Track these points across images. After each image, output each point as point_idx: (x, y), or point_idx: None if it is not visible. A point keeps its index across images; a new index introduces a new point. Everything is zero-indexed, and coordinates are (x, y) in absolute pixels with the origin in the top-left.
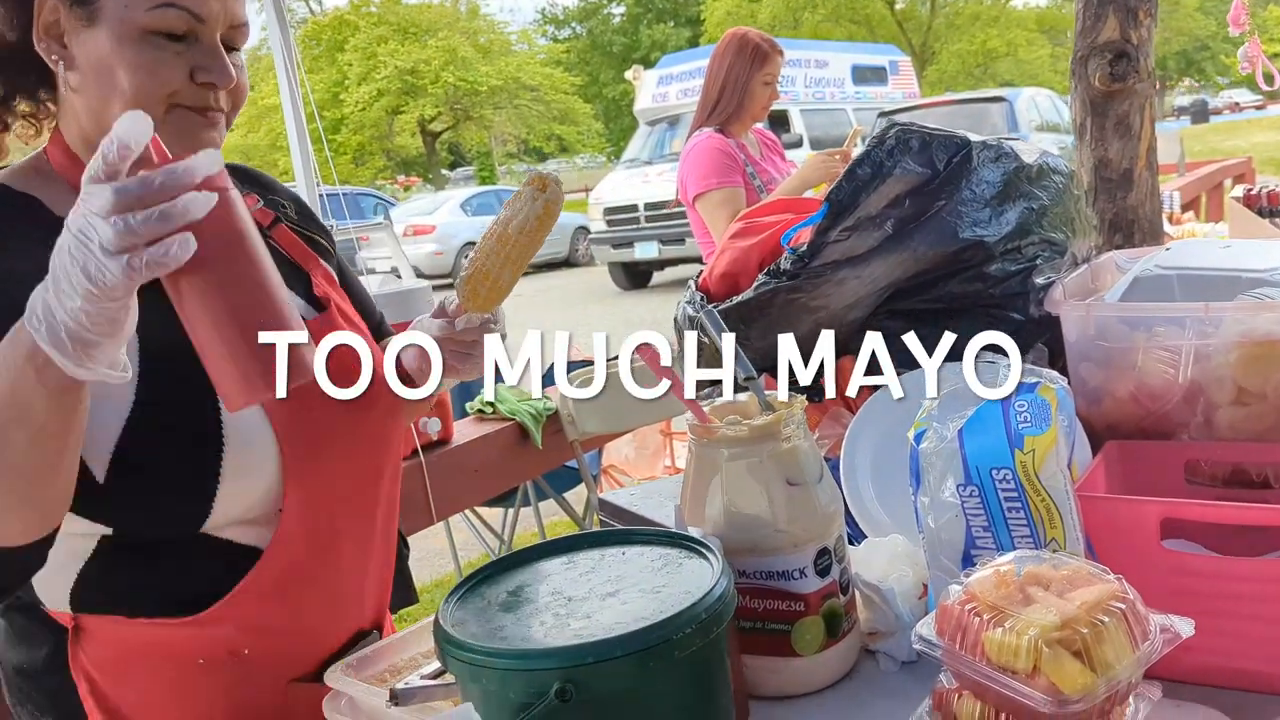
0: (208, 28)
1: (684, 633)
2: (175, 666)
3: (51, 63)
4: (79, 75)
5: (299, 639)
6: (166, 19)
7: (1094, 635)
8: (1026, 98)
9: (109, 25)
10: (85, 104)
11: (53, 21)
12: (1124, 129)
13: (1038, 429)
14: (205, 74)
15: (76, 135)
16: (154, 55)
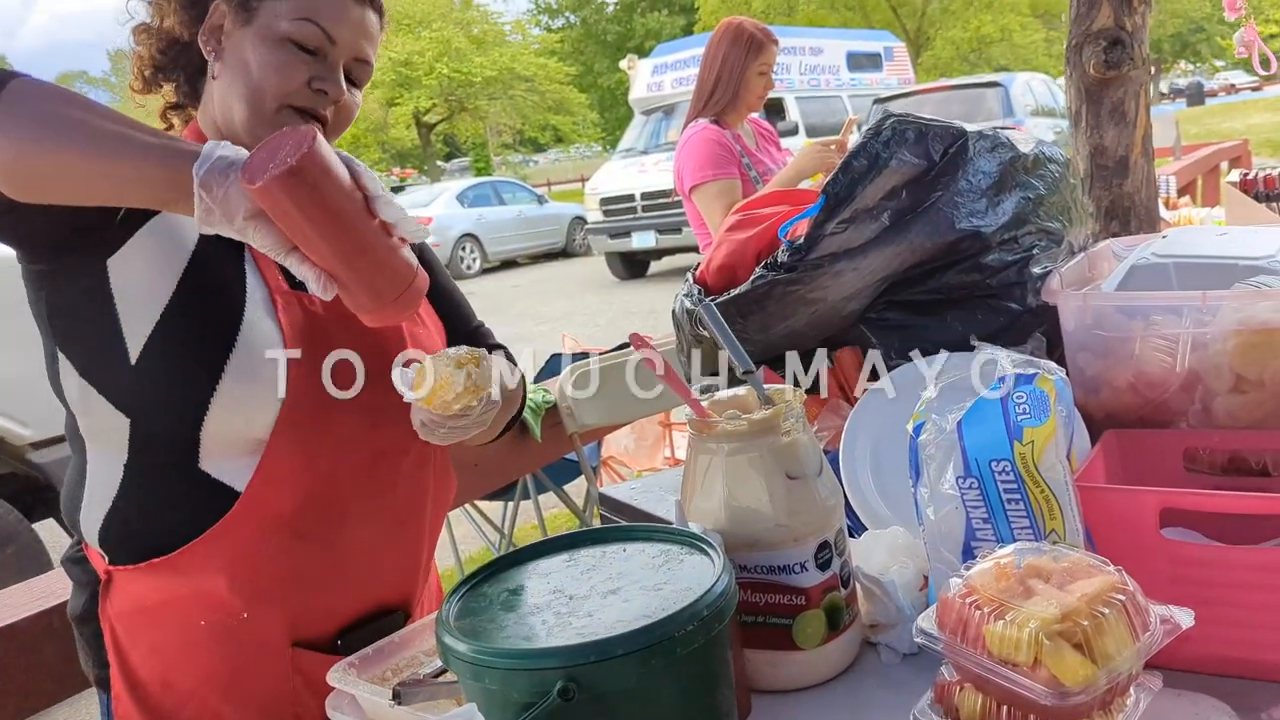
0: (336, 50)
1: (685, 630)
2: (180, 627)
3: (207, 54)
4: (223, 65)
5: (302, 605)
6: (304, 31)
7: (1094, 627)
8: (1021, 83)
9: (257, 28)
10: (220, 90)
11: (218, 24)
12: (1119, 116)
13: (1036, 420)
14: (320, 82)
15: (209, 122)
16: (284, 58)
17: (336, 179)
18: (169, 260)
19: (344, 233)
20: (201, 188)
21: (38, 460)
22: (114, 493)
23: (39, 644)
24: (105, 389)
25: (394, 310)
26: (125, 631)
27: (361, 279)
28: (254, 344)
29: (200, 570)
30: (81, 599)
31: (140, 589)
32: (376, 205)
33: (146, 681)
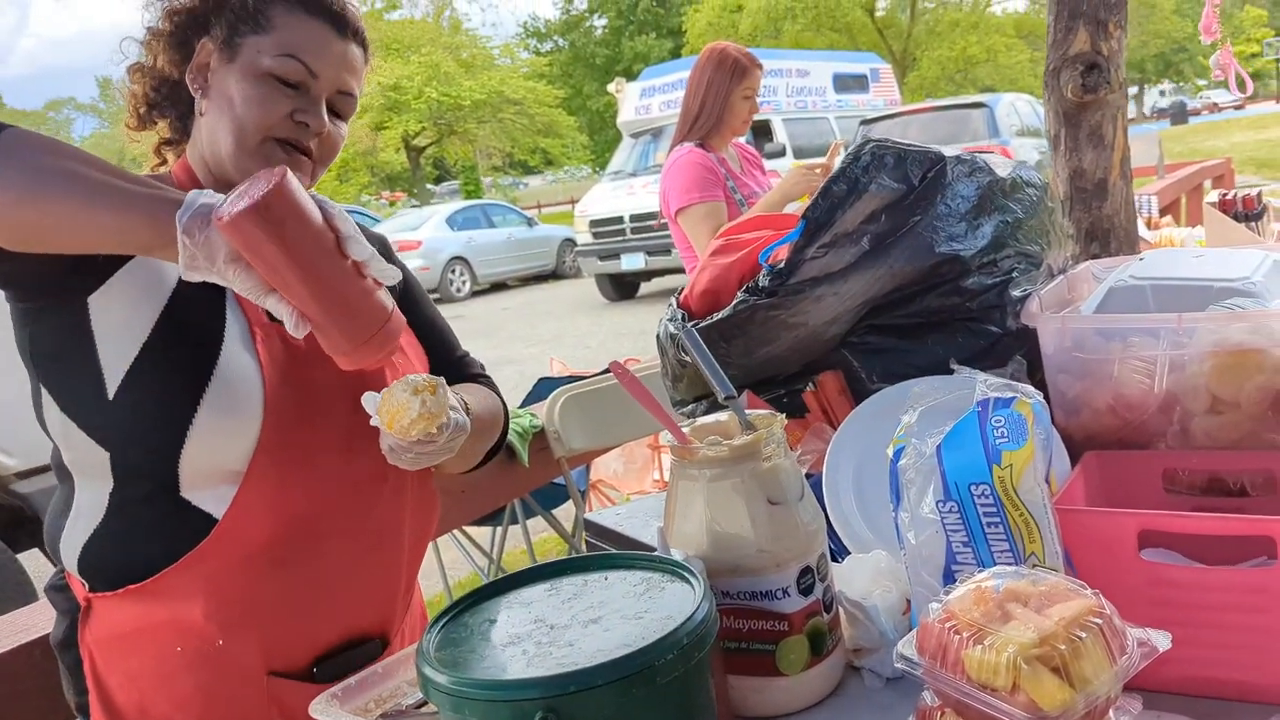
0: (318, 83)
1: (666, 659)
2: (156, 654)
3: (194, 91)
4: (209, 102)
5: (278, 633)
6: (285, 66)
7: (1072, 651)
8: (1006, 103)
9: (240, 64)
10: (207, 125)
11: (204, 62)
12: (1097, 139)
13: (1015, 444)
14: (302, 114)
15: (198, 157)
16: (266, 92)
17: (305, 216)
18: (149, 298)
19: (314, 269)
20: (184, 234)
21: (22, 490)
22: (97, 521)
23: (21, 677)
24: (84, 424)
25: (367, 350)
26: (103, 658)
27: (333, 318)
28: (231, 377)
29: (176, 597)
30: (63, 626)
31: (118, 616)
32: (348, 246)
33: (124, 708)
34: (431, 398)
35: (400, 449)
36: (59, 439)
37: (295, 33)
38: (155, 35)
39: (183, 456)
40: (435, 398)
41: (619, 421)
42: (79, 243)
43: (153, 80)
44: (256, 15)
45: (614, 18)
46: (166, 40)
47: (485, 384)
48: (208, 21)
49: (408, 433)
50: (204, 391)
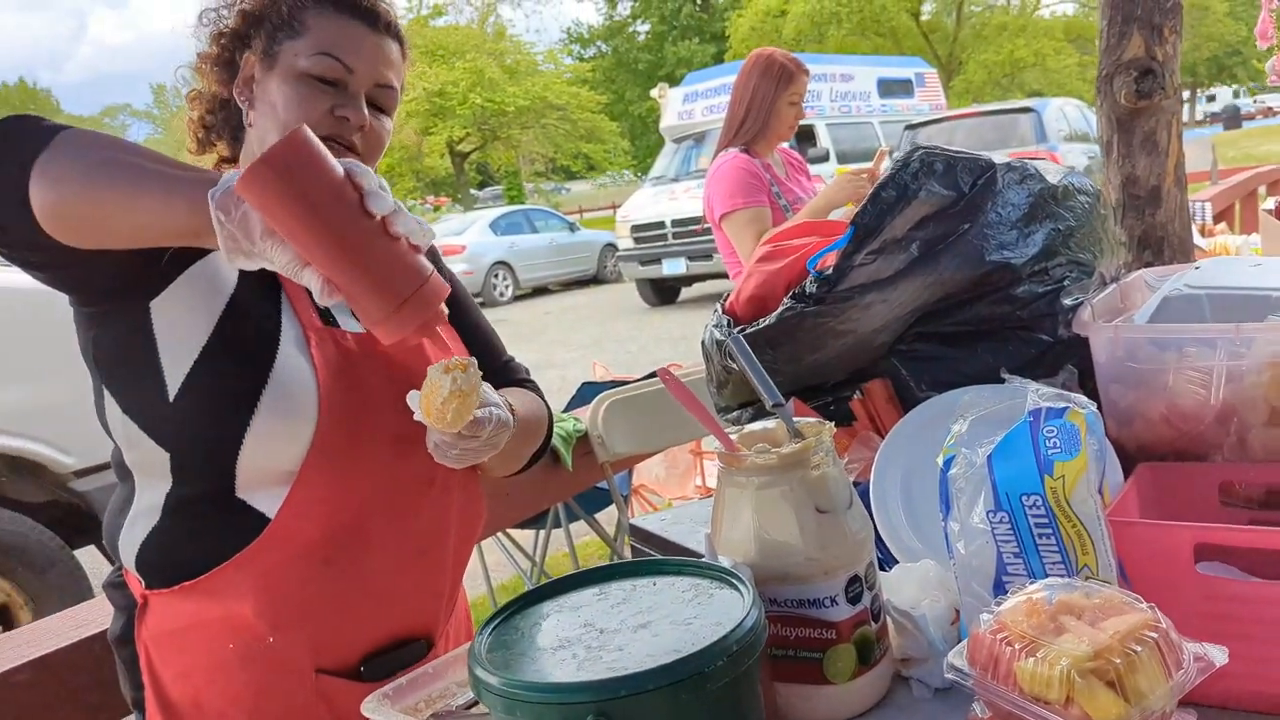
0: (355, 78)
1: (715, 665)
2: (209, 650)
3: (243, 105)
4: (256, 113)
5: (326, 632)
6: (321, 65)
7: (1127, 665)
8: (1055, 108)
9: (280, 70)
10: (256, 134)
11: (249, 75)
12: (1151, 146)
13: (1067, 454)
14: (342, 109)
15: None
16: (306, 92)
17: (320, 168)
18: (208, 302)
19: (332, 226)
20: (219, 210)
21: (79, 488)
22: (155, 519)
23: (80, 671)
24: (146, 425)
25: (404, 317)
26: (159, 654)
27: (360, 279)
28: (287, 381)
29: (229, 595)
30: (120, 622)
31: (173, 612)
32: (370, 201)
33: (178, 703)
34: (462, 375)
35: (445, 444)
36: (120, 439)
37: (328, 32)
38: (204, 59)
39: (240, 458)
40: (466, 375)
41: (662, 427)
42: (130, 233)
43: (207, 104)
44: (291, 21)
45: (657, 23)
46: (215, 62)
47: (530, 389)
48: (249, 36)
49: (444, 417)
50: (261, 395)
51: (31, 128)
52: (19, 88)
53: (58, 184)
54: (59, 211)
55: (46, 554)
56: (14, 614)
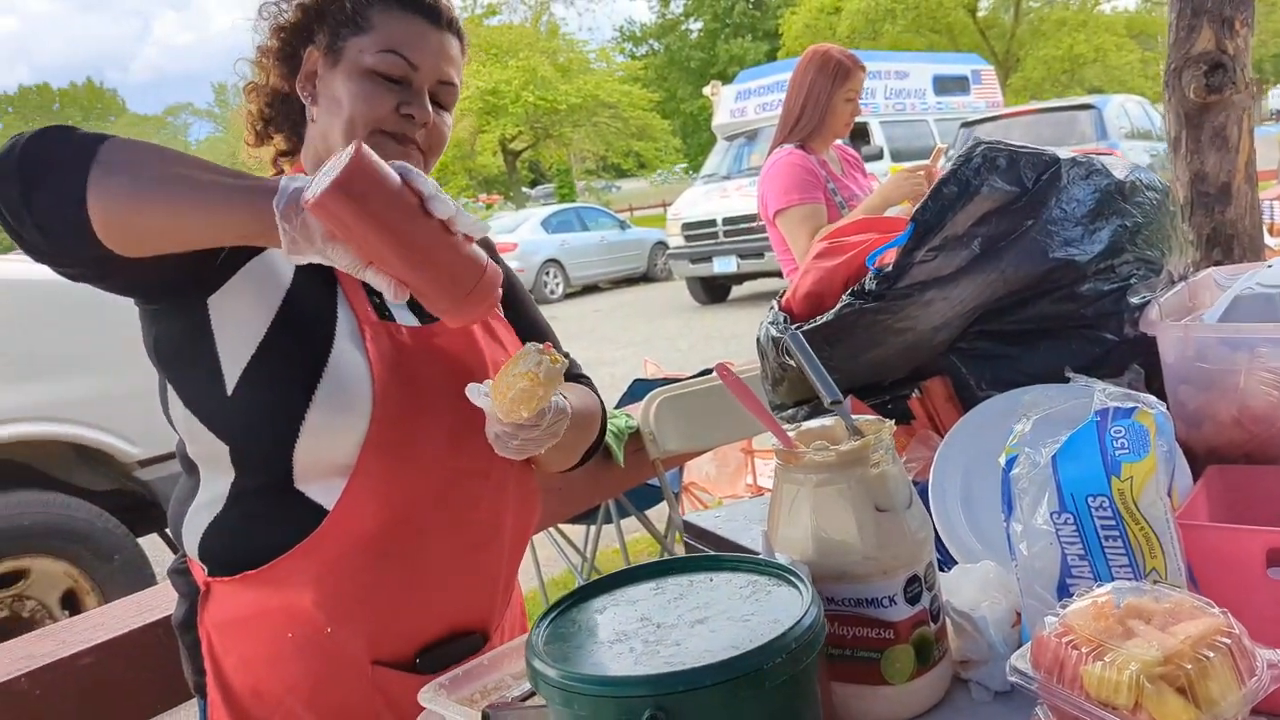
0: (420, 75)
1: (774, 662)
2: (269, 638)
3: (305, 100)
4: (319, 109)
5: (382, 623)
6: (386, 62)
7: (1198, 671)
8: (1116, 105)
9: (345, 66)
10: (320, 131)
11: (312, 70)
12: (1221, 141)
13: (1135, 456)
14: (407, 107)
15: (311, 161)
16: (371, 89)
17: (385, 184)
18: (265, 297)
19: (400, 234)
20: (283, 219)
21: (144, 477)
22: (218, 509)
23: (146, 654)
24: (206, 418)
25: (469, 305)
26: (220, 641)
27: (428, 278)
28: (341, 374)
29: (289, 585)
30: (183, 608)
31: (235, 600)
32: (431, 205)
33: (239, 689)
34: (551, 365)
35: (506, 435)
36: (183, 432)
37: (393, 29)
38: (265, 53)
39: (296, 450)
40: (556, 367)
41: (714, 424)
42: (186, 240)
43: (266, 97)
44: (356, 17)
45: (709, 21)
46: (276, 56)
47: (585, 384)
48: (311, 31)
49: (517, 406)
50: (316, 388)
51: (74, 139)
52: (86, 87)
53: (117, 197)
54: (119, 223)
55: (112, 541)
56: (80, 599)
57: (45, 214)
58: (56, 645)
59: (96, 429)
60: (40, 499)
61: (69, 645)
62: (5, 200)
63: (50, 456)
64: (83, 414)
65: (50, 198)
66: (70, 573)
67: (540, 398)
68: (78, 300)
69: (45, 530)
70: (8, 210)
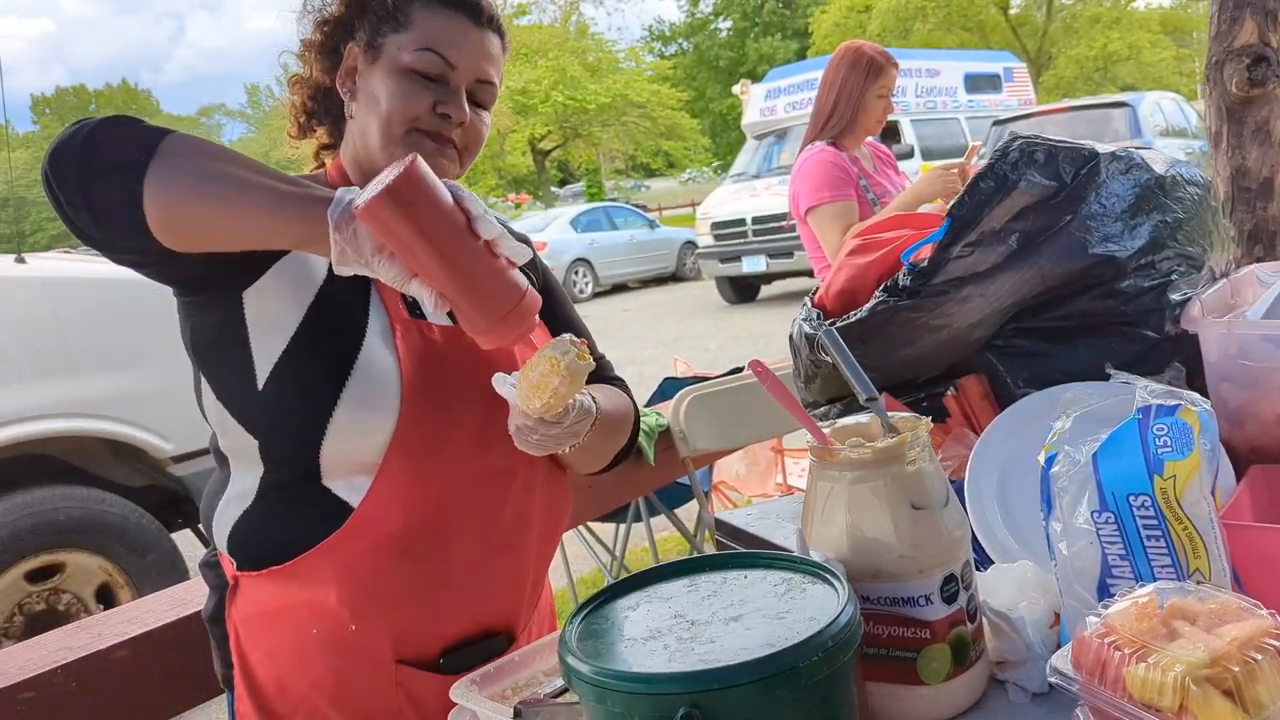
0: (457, 74)
1: (810, 660)
2: (294, 634)
3: (345, 95)
4: (357, 104)
5: (407, 622)
6: (424, 60)
7: (1246, 674)
8: (1150, 102)
9: (383, 63)
10: (357, 126)
11: (352, 65)
12: (1263, 136)
13: (1179, 454)
14: (444, 106)
15: (350, 157)
16: (409, 86)
17: (435, 198)
18: (299, 293)
19: (446, 248)
20: (336, 229)
21: (177, 473)
22: (247, 503)
23: (179, 647)
24: (237, 411)
25: (505, 328)
26: (247, 635)
27: (469, 295)
28: (371, 372)
29: (314, 581)
30: (213, 601)
31: (262, 595)
32: (478, 225)
33: (264, 683)
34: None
35: (526, 429)
36: (215, 425)
37: (433, 26)
38: (307, 46)
39: (323, 447)
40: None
41: (744, 423)
42: (238, 240)
43: (309, 89)
44: (396, 14)
45: (739, 20)
46: (318, 50)
47: (618, 386)
48: (353, 26)
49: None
50: (344, 386)
51: (136, 132)
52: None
53: (174, 194)
54: (173, 220)
55: (146, 536)
56: (115, 593)
57: (101, 203)
58: (92, 638)
59: (131, 425)
60: (75, 494)
61: (104, 638)
62: (62, 185)
63: (85, 452)
64: (117, 410)
65: (108, 188)
66: (105, 567)
67: (555, 388)
68: (112, 297)
69: (80, 525)
70: (64, 194)
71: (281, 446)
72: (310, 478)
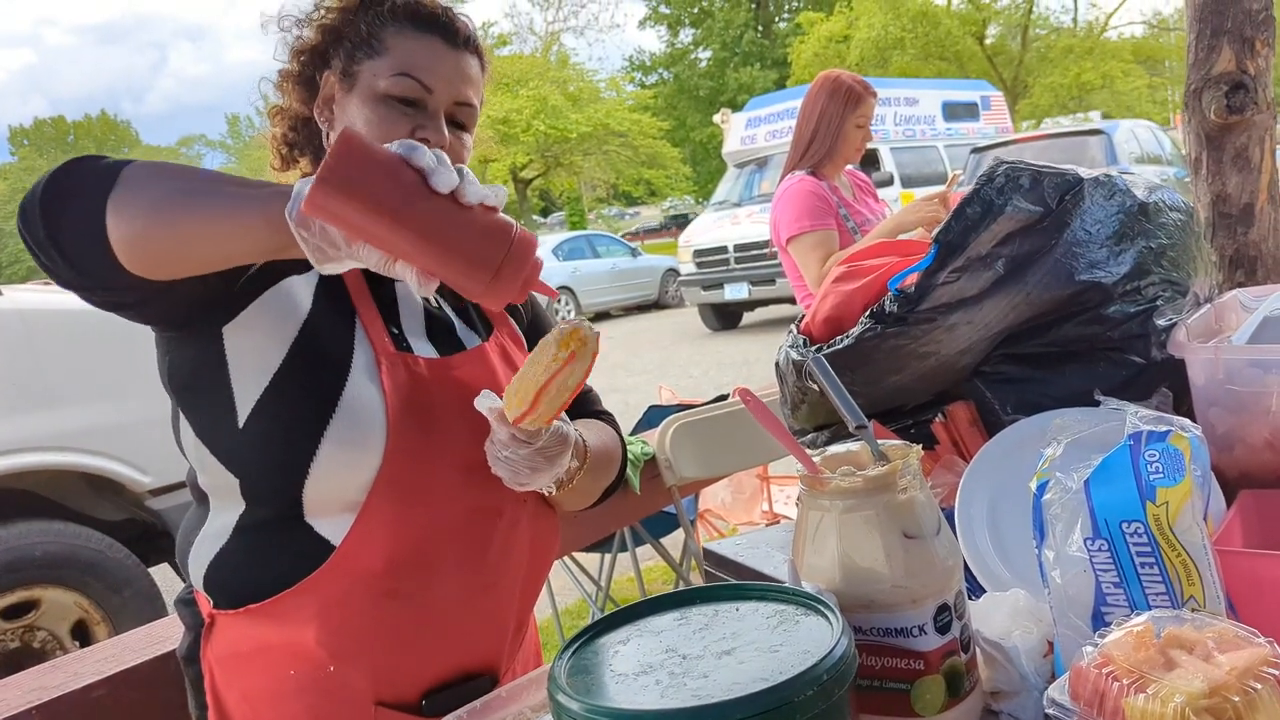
0: (434, 98)
1: (806, 695)
2: (271, 675)
3: (324, 125)
4: (336, 133)
5: (387, 664)
6: (401, 85)
7: (1246, 703)
8: (1125, 130)
9: (359, 91)
10: None
11: (329, 95)
12: (1242, 162)
13: (1170, 480)
14: (422, 130)
15: None
16: (386, 113)
17: (376, 168)
18: (281, 328)
19: (405, 219)
20: (299, 226)
21: (155, 507)
22: (226, 540)
23: (157, 686)
24: (217, 449)
25: (505, 279)
26: (223, 675)
27: (450, 262)
28: (355, 410)
29: (292, 621)
30: (188, 641)
31: (237, 634)
32: (434, 181)
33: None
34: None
35: (499, 444)
36: (194, 462)
37: (408, 51)
38: (285, 76)
39: (306, 486)
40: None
41: (730, 451)
42: (209, 260)
43: (289, 120)
44: (370, 40)
45: (718, 50)
46: (295, 80)
47: (606, 420)
48: (328, 54)
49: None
50: (328, 423)
51: (96, 167)
52: (100, 119)
53: (134, 218)
54: (138, 245)
55: (123, 571)
56: (91, 629)
57: (68, 241)
58: (68, 677)
59: (108, 458)
60: (51, 529)
61: (80, 677)
62: (35, 241)
63: (61, 486)
64: (94, 443)
65: (73, 230)
66: (81, 603)
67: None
68: (89, 329)
69: (56, 560)
70: (39, 250)
71: (263, 485)
72: (292, 516)
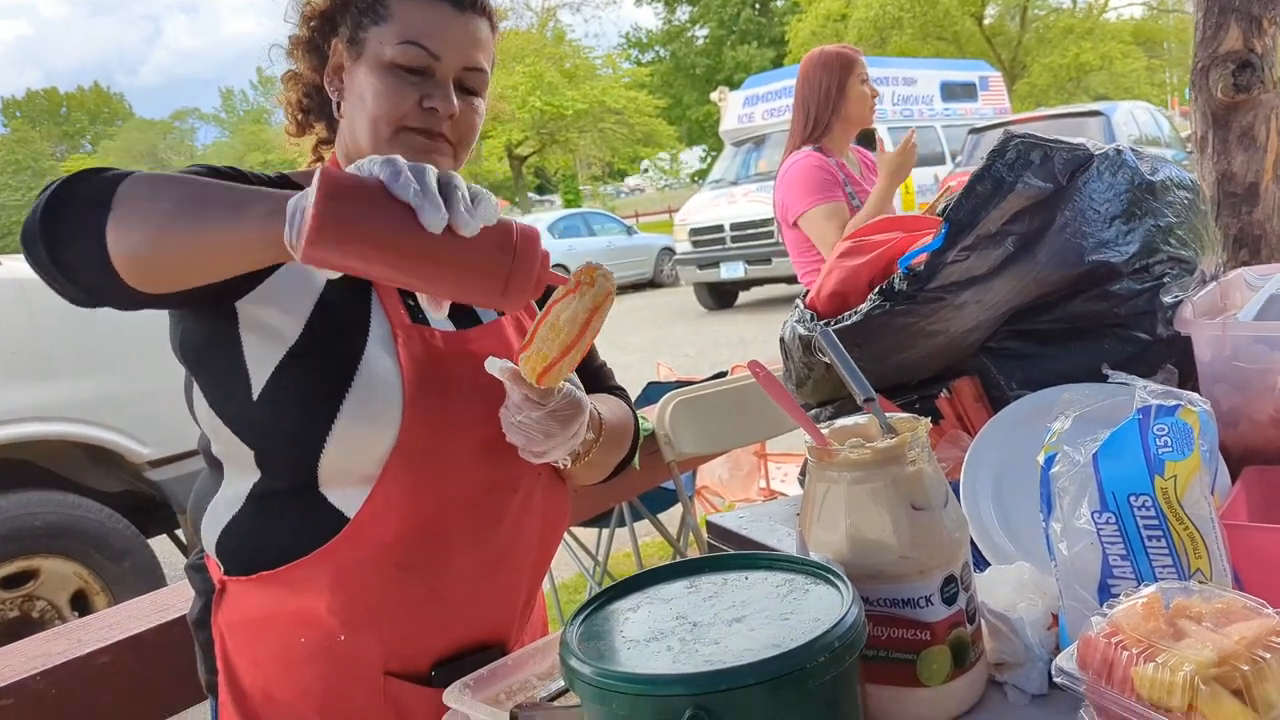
0: (442, 65)
1: (817, 661)
2: (281, 642)
3: (331, 94)
4: (345, 103)
5: (398, 634)
6: (408, 54)
7: (1255, 673)
8: (1124, 111)
9: (367, 59)
10: (346, 125)
11: (338, 63)
12: (1248, 141)
13: (1179, 454)
14: (430, 100)
15: (343, 155)
16: (393, 83)
17: (363, 220)
18: (297, 302)
19: (401, 259)
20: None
21: (154, 478)
22: (238, 507)
23: (162, 653)
24: (231, 420)
25: (516, 286)
26: (233, 641)
27: (454, 285)
28: (371, 383)
29: (304, 589)
30: (198, 606)
31: (249, 601)
32: (425, 220)
33: (249, 691)
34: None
35: (514, 406)
36: (208, 431)
37: (413, 18)
38: (295, 43)
39: (322, 459)
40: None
41: (729, 427)
42: (213, 274)
43: (303, 86)
44: (376, 6)
45: (715, 28)
46: (305, 47)
47: (619, 395)
48: (336, 21)
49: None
50: (345, 396)
51: (91, 189)
52: (94, 91)
53: (135, 244)
54: (140, 266)
55: (122, 542)
56: (90, 600)
57: (72, 267)
58: (72, 644)
59: (107, 429)
60: (51, 499)
61: (85, 644)
62: (40, 266)
63: (61, 457)
64: (93, 414)
65: (76, 255)
66: (80, 574)
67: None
68: None
69: (55, 531)
70: (45, 275)
71: (277, 456)
72: (306, 486)
